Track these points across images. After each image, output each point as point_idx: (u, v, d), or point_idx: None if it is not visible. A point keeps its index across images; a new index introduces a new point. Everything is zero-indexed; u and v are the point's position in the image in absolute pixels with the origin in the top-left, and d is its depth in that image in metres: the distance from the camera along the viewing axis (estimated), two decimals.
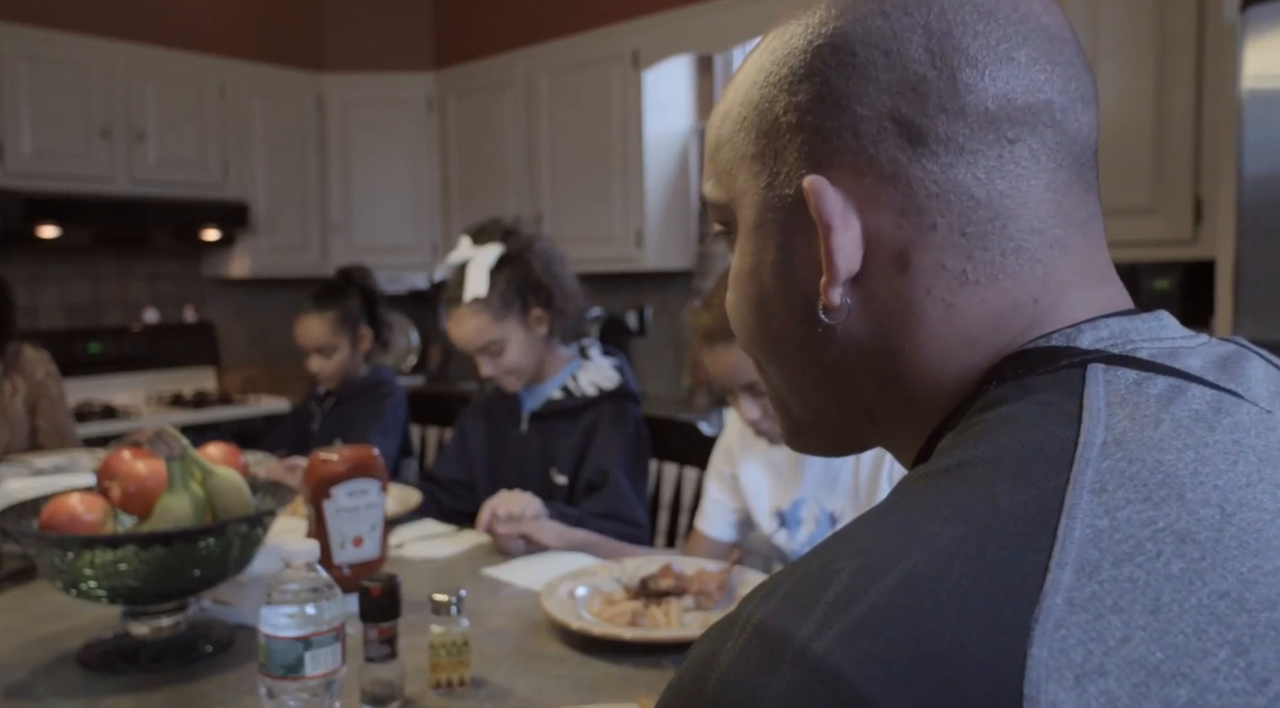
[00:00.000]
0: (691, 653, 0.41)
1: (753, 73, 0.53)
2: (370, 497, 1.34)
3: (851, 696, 0.34)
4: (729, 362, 1.50)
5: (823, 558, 0.41)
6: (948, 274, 0.48)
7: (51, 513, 1.17)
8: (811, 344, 0.52)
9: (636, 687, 1.09)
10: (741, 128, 0.53)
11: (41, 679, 1.12)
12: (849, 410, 0.54)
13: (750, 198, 0.53)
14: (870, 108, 0.48)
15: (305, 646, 0.82)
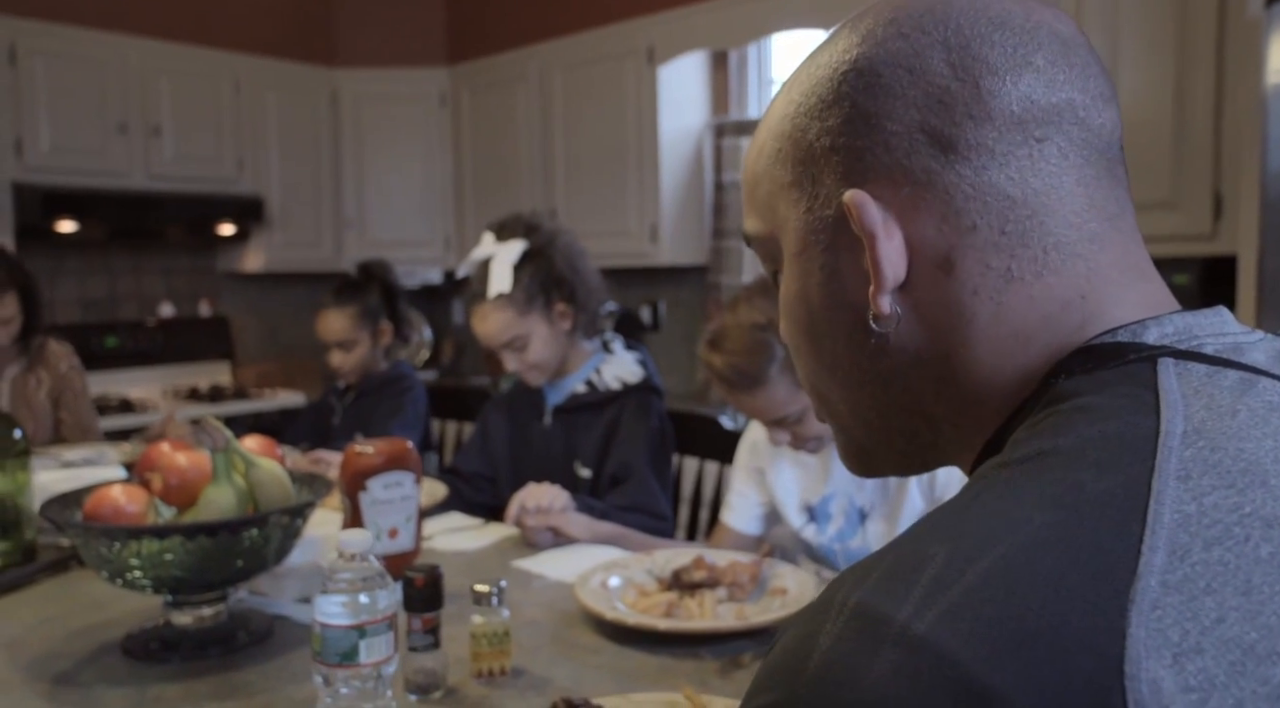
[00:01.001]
0: (781, 638, 0.42)
1: (782, 107, 0.56)
2: (405, 489, 1.36)
3: (957, 673, 0.35)
4: (754, 407, 1.51)
5: (912, 545, 0.42)
6: (993, 273, 0.50)
7: (95, 504, 1.18)
8: (867, 358, 0.53)
9: (675, 677, 1.10)
10: (776, 160, 0.56)
11: (86, 668, 1.14)
12: (910, 421, 0.55)
13: (792, 225, 0.55)
14: (900, 123, 0.50)
15: (360, 634, 0.84)
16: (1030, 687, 0.35)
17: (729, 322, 1.52)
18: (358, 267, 2.60)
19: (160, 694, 1.07)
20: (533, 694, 1.06)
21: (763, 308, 1.48)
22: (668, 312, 4.02)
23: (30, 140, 3.47)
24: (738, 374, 1.47)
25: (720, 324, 1.53)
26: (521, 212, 2.07)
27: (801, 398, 1.48)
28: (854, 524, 1.60)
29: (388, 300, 2.53)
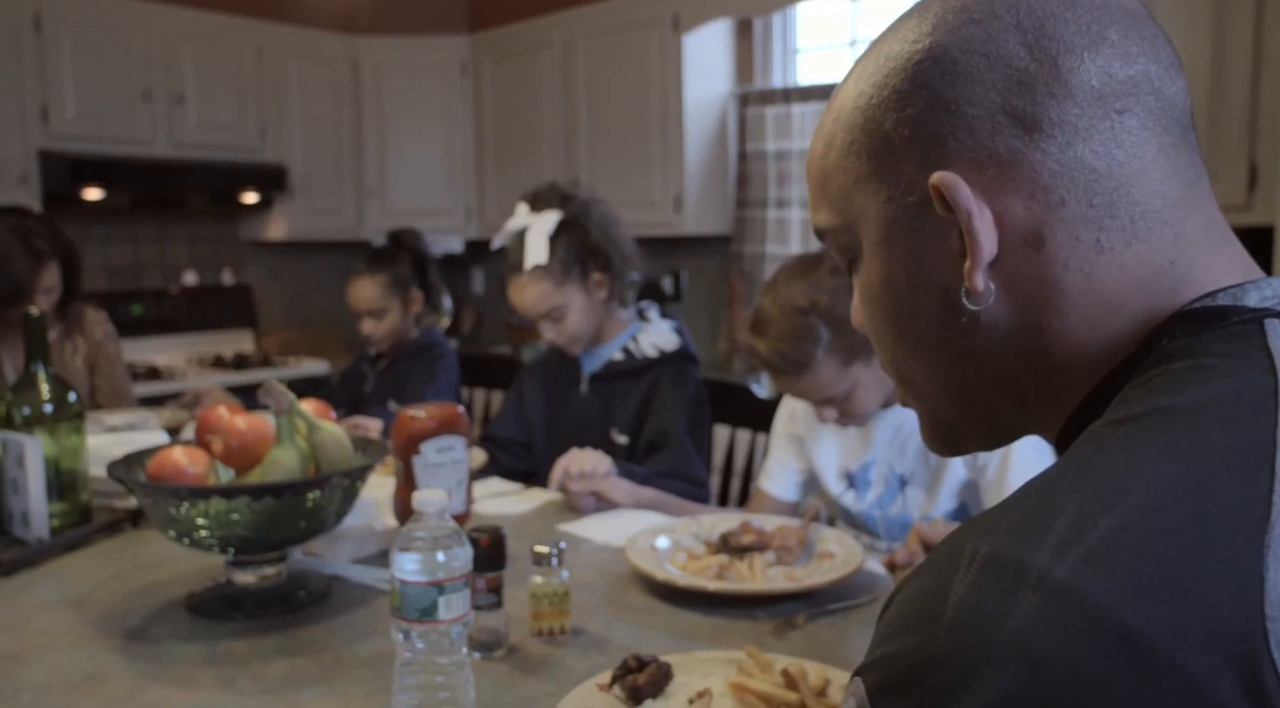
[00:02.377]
0: (909, 588, 0.44)
1: (851, 100, 0.57)
2: (457, 453, 1.38)
3: (1099, 615, 0.37)
4: (800, 389, 1.51)
5: (1037, 498, 0.43)
6: (1083, 245, 0.51)
7: (158, 466, 1.20)
8: (957, 336, 0.55)
9: (730, 637, 1.13)
10: (850, 153, 0.57)
11: (155, 624, 1.17)
12: (998, 396, 0.56)
13: (872, 215, 0.56)
14: (981, 107, 0.51)
15: (439, 591, 0.86)
16: (1173, 629, 0.36)
17: (768, 306, 1.50)
18: (389, 235, 2.60)
19: (229, 650, 1.09)
20: (594, 653, 1.09)
21: (803, 291, 1.47)
22: (689, 281, 4.03)
23: (56, 108, 3.48)
24: (783, 359, 1.47)
25: (760, 308, 1.52)
26: (555, 181, 2.07)
27: (848, 377, 1.49)
28: (894, 491, 1.61)
29: (418, 269, 2.54)
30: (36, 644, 1.10)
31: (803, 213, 3.63)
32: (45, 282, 2.31)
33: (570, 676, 1.02)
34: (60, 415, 1.47)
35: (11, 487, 1.42)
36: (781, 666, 0.93)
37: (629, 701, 0.90)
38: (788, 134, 3.63)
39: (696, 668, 0.96)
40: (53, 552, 1.41)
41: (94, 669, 1.04)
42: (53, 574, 1.35)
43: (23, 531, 1.41)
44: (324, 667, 1.05)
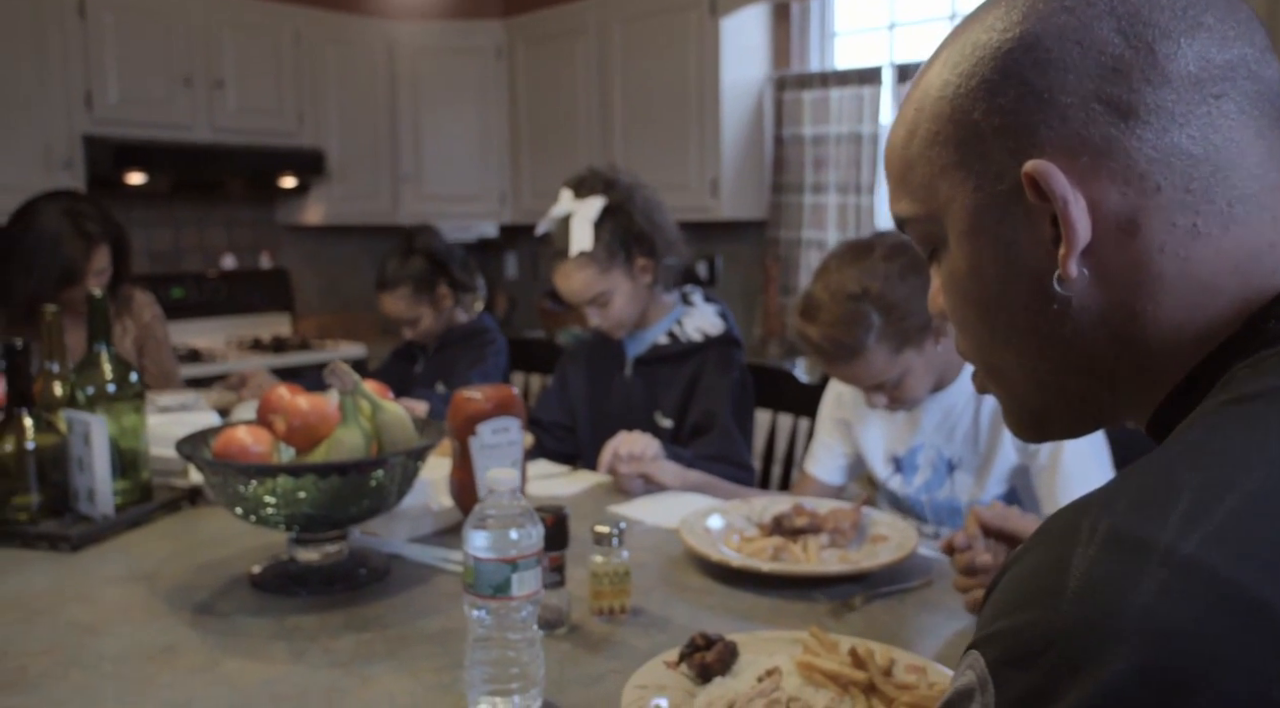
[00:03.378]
0: (1021, 564, 0.45)
1: (936, 90, 0.57)
2: (512, 434, 1.39)
3: (1231, 589, 0.37)
4: (851, 375, 1.51)
5: (1155, 476, 0.44)
6: (1179, 231, 0.51)
7: (224, 445, 1.23)
8: (1048, 323, 0.55)
9: (787, 617, 1.14)
10: (935, 143, 0.57)
11: (222, 599, 1.19)
12: (1088, 382, 0.56)
13: (958, 204, 0.56)
14: (1074, 95, 0.51)
15: (512, 568, 0.87)
16: None
17: (819, 292, 1.50)
18: (401, 237, 2.58)
19: (297, 625, 1.12)
20: (655, 632, 1.10)
21: (856, 276, 1.47)
22: (724, 266, 4.03)
23: (99, 94, 3.52)
24: (835, 345, 1.47)
25: (811, 294, 1.52)
26: (598, 166, 2.07)
27: (899, 363, 1.49)
28: (941, 476, 1.61)
29: (438, 266, 2.51)
30: (111, 617, 1.13)
31: (840, 198, 3.62)
32: (96, 264, 2.35)
33: (633, 654, 1.04)
34: (122, 395, 1.50)
35: (77, 465, 1.45)
36: (845, 646, 0.94)
37: (697, 678, 0.91)
38: (825, 118, 3.62)
39: (761, 647, 0.97)
40: (117, 528, 1.44)
41: (169, 642, 1.06)
42: (119, 550, 1.38)
43: (88, 507, 1.44)
44: (391, 642, 1.07)
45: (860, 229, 3.56)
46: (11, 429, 1.43)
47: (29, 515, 1.43)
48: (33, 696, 0.94)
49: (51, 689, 0.95)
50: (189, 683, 0.97)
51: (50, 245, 2.28)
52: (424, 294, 2.47)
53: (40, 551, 1.37)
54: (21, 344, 1.42)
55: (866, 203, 3.54)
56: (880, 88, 3.47)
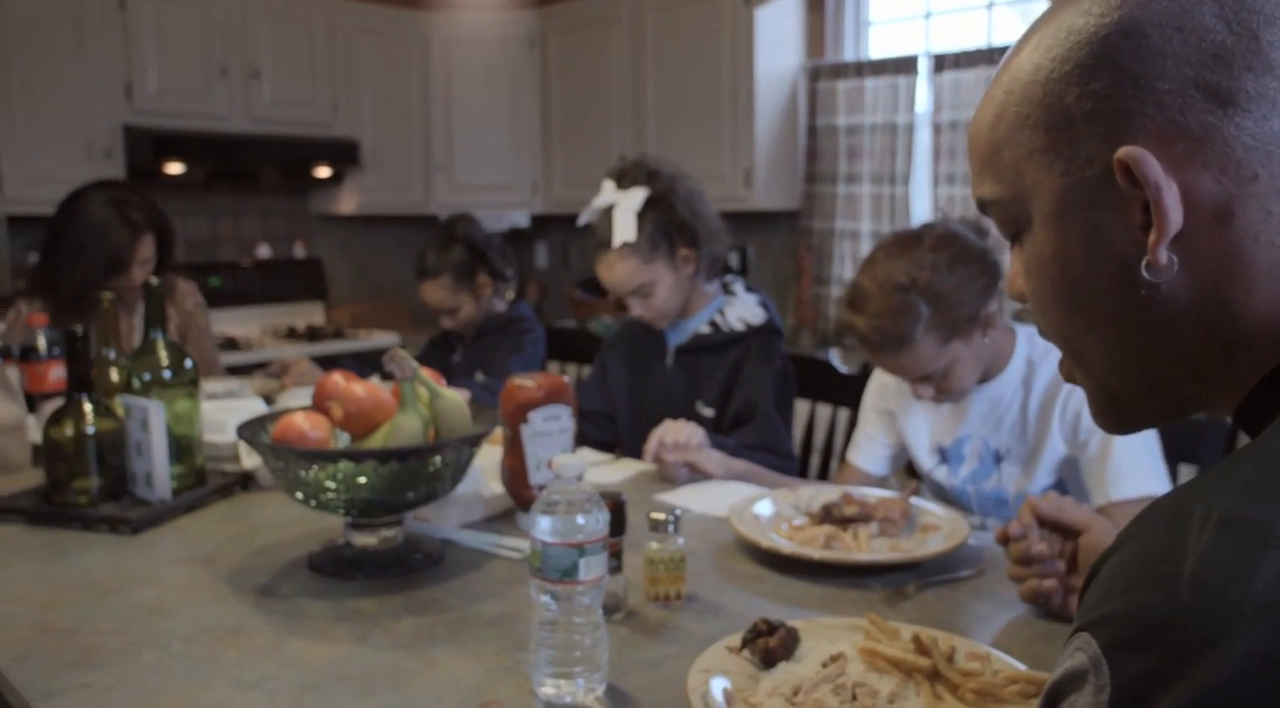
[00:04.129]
0: (1128, 548, 0.45)
1: (1027, 74, 0.57)
2: (563, 422, 1.40)
3: None
4: (899, 365, 1.51)
5: (1266, 464, 0.44)
6: (1275, 219, 0.51)
7: (282, 430, 1.24)
8: (1134, 309, 0.55)
9: (842, 605, 1.14)
10: (1024, 126, 0.57)
11: (282, 582, 1.21)
12: (1175, 371, 0.56)
13: (1046, 188, 0.56)
14: (1172, 82, 0.51)
15: (580, 553, 0.88)
16: None
17: (866, 282, 1.50)
18: (441, 226, 2.60)
19: (358, 608, 1.13)
20: (710, 618, 1.11)
21: (904, 267, 1.46)
22: (756, 257, 4.02)
23: (139, 84, 3.56)
24: (882, 336, 1.47)
25: (857, 284, 1.52)
26: (641, 157, 2.07)
27: (947, 354, 1.48)
28: (989, 466, 1.61)
29: (477, 254, 2.52)
30: (177, 598, 1.15)
31: (874, 188, 3.61)
32: (142, 253, 2.38)
33: (690, 639, 1.05)
34: (177, 381, 1.52)
35: (135, 449, 1.47)
36: (905, 633, 0.95)
37: (760, 663, 0.92)
38: (860, 108, 3.60)
39: (821, 634, 0.98)
40: (174, 512, 1.46)
41: (235, 623, 1.08)
42: (176, 533, 1.41)
43: (146, 491, 1.47)
44: (451, 625, 1.08)
45: (895, 219, 3.55)
46: (72, 414, 1.46)
47: (89, 499, 1.46)
48: (109, 673, 0.96)
49: (126, 667, 0.97)
50: (257, 663, 0.99)
51: (97, 235, 2.31)
52: (464, 283, 2.49)
53: (100, 533, 1.40)
54: (81, 331, 1.44)
55: (901, 193, 3.53)
56: (916, 77, 3.45)
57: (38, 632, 1.05)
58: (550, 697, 0.91)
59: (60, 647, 1.02)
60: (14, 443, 1.71)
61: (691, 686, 0.86)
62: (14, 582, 1.21)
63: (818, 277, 3.78)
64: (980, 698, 0.83)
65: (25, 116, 3.32)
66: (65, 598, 1.15)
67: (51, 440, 1.46)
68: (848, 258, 3.72)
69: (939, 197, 3.43)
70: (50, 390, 1.96)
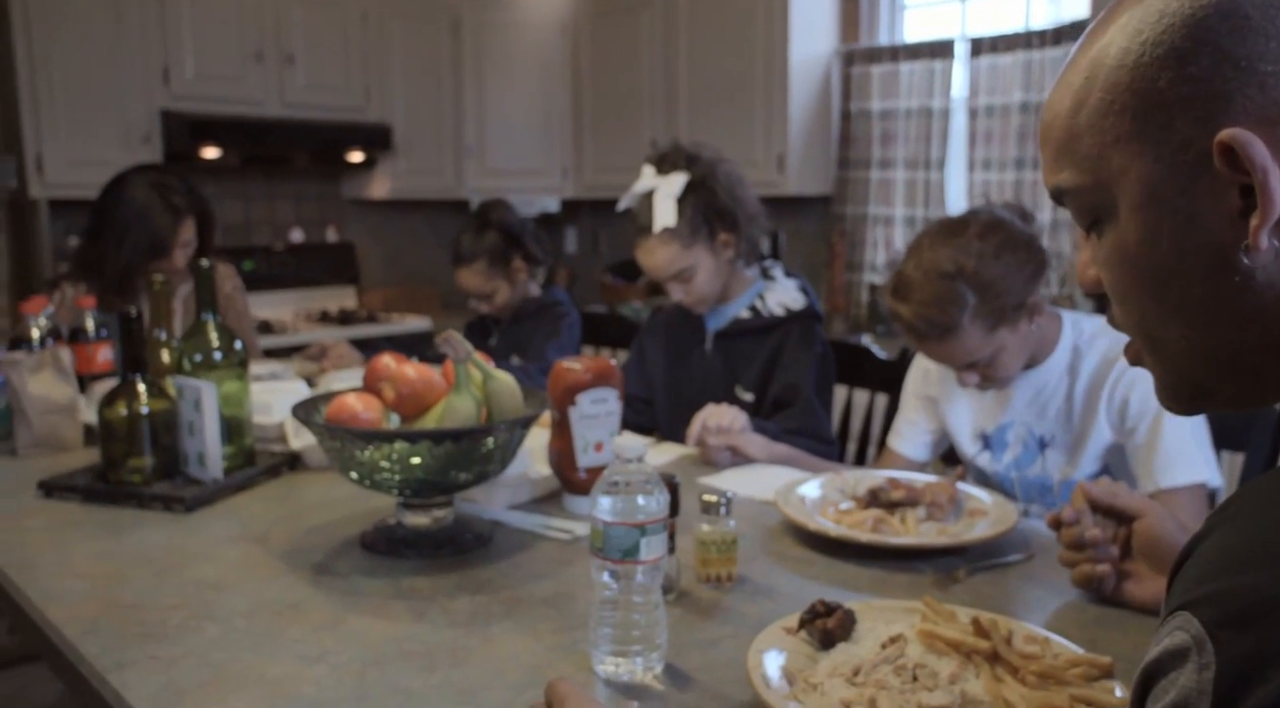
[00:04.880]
0: (1226, 530, 0.45)
1: (1113, 58, 0.56)
2: (610, 405, 1.41)
3: None
4: (944, 353, 1.50)
5: None
6: None
7: (335, 411, 1.26)
8: (1226, 296, 0.54)
9: (892, 588, 1.15)
10: (1109, 112, 0.56)
11: (337, 560, 1.23)
12: (1264, 357, 0.55)
13: (1133, 175, 0.55)
14: (1275, 63, 0.50)
15: (641, 532, 0.89)
16: None
17: (911, 270, 1.49)
18: (475, 211, 2.61)
19: (413, 586, 1.15)
20: (762, 599, 1.12)
21: (950, 255, 1.45)
22: (788, 242, 4.01)
23: (176, 69, 3.59)
24: (928, 324, 1.46)
25: (902, 272, 1.51)
26: (680, 142, 2.07)
27: (993, 341, 1.48)
28: (1033, 453, 1.61)
29: (512, 239, 2.53)
30: (234, 575, 1.17)
31: (908, 173, 3.59)
32: (183, 236, 2.40)
33: (743, 620, 1.06)
34: (227, 363, 1.54)
35: (187, 429, 1.50)
36: (961, 616, 0.95)
37: (819, 644, 0.92)
38: (894, 93, 3.58)
39: (876, 616, 0.98)
40: (225, 491, 1.48)
41: (293, 599, 1.10)
42: (229, 512, 1.43)
43: (198, 471, 1.49)
44: (506, 604, 1.10)
45: (929, 205, 3.53)
46: (126, 394, 1.48)
47: (142, 477, 1.48)
48: (176, 646, 0.98)
49: (191, 641, 0.99)
50: (319, 638, 1.00)
51: (140, 218, 2.33)
52: (499, 268, 2.50)
53: (154, 511, 1.42)
54: (135, 312, 1.46)
55: (936, 178, 3.51)
56: (952, 61, 3.42)
57: (104, 606, 1.08)
58: (609, 675, 0.92)
59: (126, 620, 1.04)
60: (67, 422, 1.74)
61: (751, 665, 0.87)
62: (77, 558, 1.23)
63: (850, 262, 3.76)
64: (1042, 681, 0.83)
65: (65, 103, 3.36)
66: (127, 574, 1.18)
67: (106, 420, 1.49)
68: (880, 244, 3.71)
69: (974, 182, 3.41)
70: (98, 371, 1.99)
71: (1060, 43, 3.11)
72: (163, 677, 0.92)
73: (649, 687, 0.91)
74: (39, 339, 1.85)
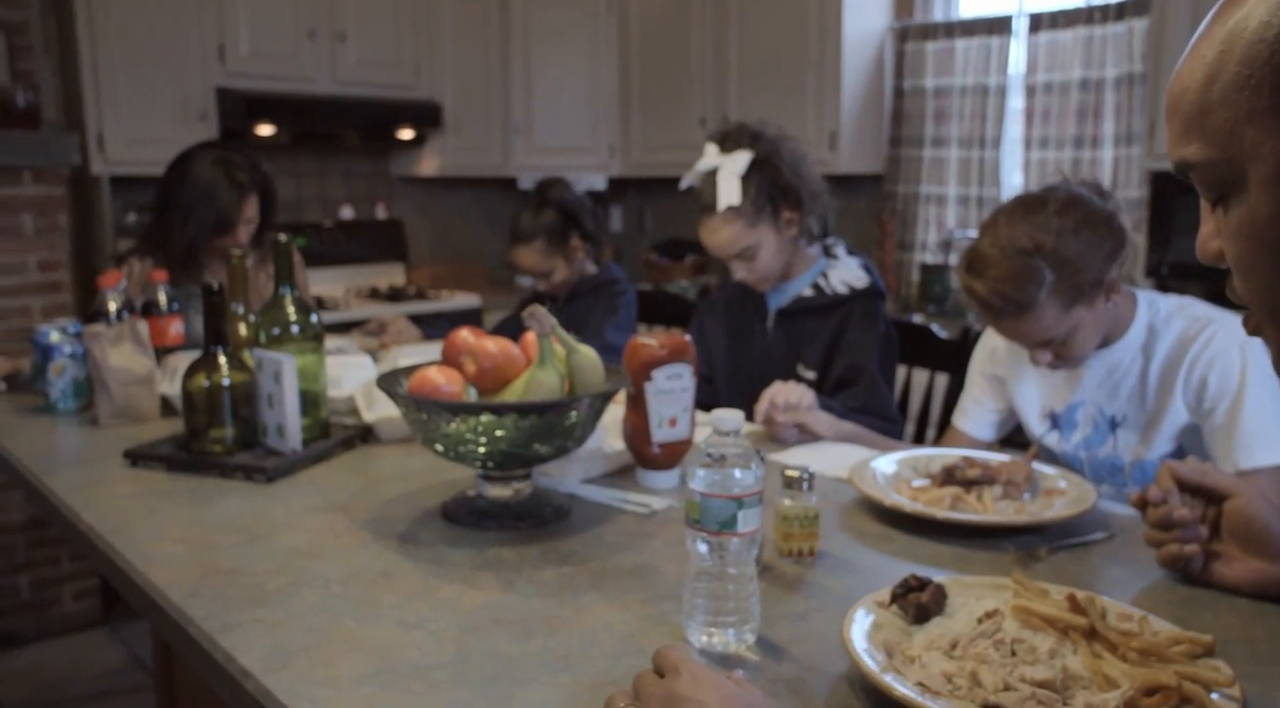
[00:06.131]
0: None
1: (1252, 32, 0.55)
2: (684, 381, 1.42)
3: None
4: (1018, 330, 1.49)
5: None
6: None
7: (418, 384, 1.28)
8: None
9: (975, 565, 1.15)
10: (1245, 87, 0.55)
11: (420, 531, 1.25)
12: None
13: (1268, 149, 0.55)
14: None
15: (739, 505, 0.90)
16: None
17: (987, 246, 1.48)
18: (535, 189, 2.61)
19: (499, 556, 1.17)
20: (844, 574, 1.13)
21: (1028, 232, 1.44)
22: (838, 221, 3.98)
23: (231, 47, 3.62)
24: (1003, 300, 1.45)
25: (976, 248, 1.50)
26: (744, 121, 2.06)
27: (1069, 319, 1.46)
28: (1103, 433, 1.60)
29: (570, 218, 2.54)
30: (323, 543, 1.20)
31: (961, 152, 3.55)
32: (247, 213, 2.43)
33: (828, 594, 1.06)
34: (303, 336, 1.56)
35: (267, 401, 1.53)
36: (1053, 593, 0.95)
37: (912, 618, 0.93)
38: (949, 70, 3.54)
39: (966, 591, 0.98)
40: (304, 462, 1.51)
41: (383, 568, 1.13)
42: (308, 482, 1.45)
43: (277, 442, 1.52)
44: (592, 576, 1.11)
45: (984, 184, 3.49)
46: (208, 367, 1.51)
47: (223, 448, 1.52)
48: (278, 610, 1.01)
49: (291, 606, 1.02)
50: (414, 606, 1.02)
51: (206, 195, 2.37)
52: (557, 247, 2.51)
53: (236, 481, 1.46)
54: (218, 286, 1.49)
55: (991, 157, 3.47)
56: (1009, 37, 3.37)
57: (203, 571, 1.11)
58: (704, 645, 0.93)
59: (227, 585, 1.07)
60: (145, 394, 1.78)
61: (848, 636, 0.88)
62: (170, 524, 1.27)
63: (901, 242, 3.74)
64: (1144, 657, 0.83)
65: (126, 81, 3.41)
66: (220, 540, 1.21)
67: (188, 392, 1.52)
68: (932, 222, 3.68)
69: (1030, 161, 3.36)
70: (170, 344, 2.03)
71: (1123, 18, 3.06)
72: (269, 639, 0.94)
73: (744, 658, 0.92)
74: (116, 312, 1.89)
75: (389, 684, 0.86)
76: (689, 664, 0.72)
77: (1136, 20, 3.01)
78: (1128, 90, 3.06)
